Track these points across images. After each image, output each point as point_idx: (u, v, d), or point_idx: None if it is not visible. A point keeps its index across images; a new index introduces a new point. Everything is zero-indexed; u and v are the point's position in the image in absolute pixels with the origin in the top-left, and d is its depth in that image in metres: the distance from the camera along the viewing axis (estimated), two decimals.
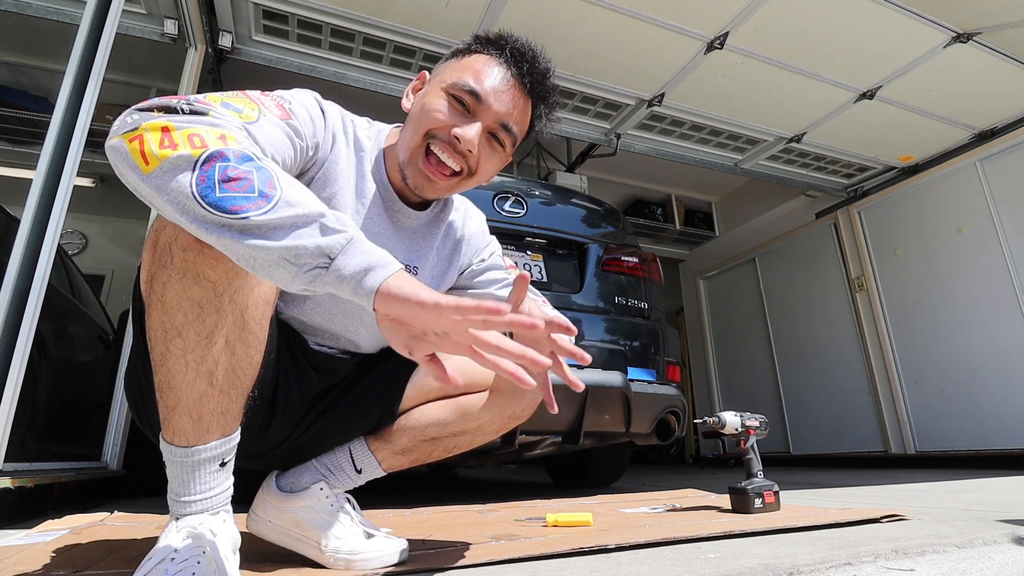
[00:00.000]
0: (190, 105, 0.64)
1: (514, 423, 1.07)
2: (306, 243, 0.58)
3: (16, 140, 3.84)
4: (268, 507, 0.97)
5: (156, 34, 2.74)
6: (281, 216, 0.58)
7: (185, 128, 0.60)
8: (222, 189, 0.57)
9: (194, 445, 0.74)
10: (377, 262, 0.60)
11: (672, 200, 6.02)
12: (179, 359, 0.70)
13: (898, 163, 4.53)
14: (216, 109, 0.67)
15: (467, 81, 0.89)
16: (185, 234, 0.65)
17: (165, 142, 0.59)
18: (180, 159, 0.58)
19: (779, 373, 5.37)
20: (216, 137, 0.61)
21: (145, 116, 0.61)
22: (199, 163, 0.58)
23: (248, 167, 0.59)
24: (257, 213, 0.57)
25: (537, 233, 2.28)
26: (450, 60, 0.96)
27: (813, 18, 2.97)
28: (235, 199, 0.57)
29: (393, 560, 0.91)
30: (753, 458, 1.57)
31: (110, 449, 2.20)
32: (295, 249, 0.58)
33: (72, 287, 2.64)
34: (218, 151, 0.59)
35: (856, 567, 0.84)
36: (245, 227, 0.57)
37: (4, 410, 1.43)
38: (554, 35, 3.10)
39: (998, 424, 3.75)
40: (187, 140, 0.59)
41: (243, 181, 0.58)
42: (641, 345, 2.31)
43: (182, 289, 0.67)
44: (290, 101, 0.83)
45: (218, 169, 0.58)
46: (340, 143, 0.92)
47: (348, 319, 0.98)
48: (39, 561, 0.96)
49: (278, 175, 0.61)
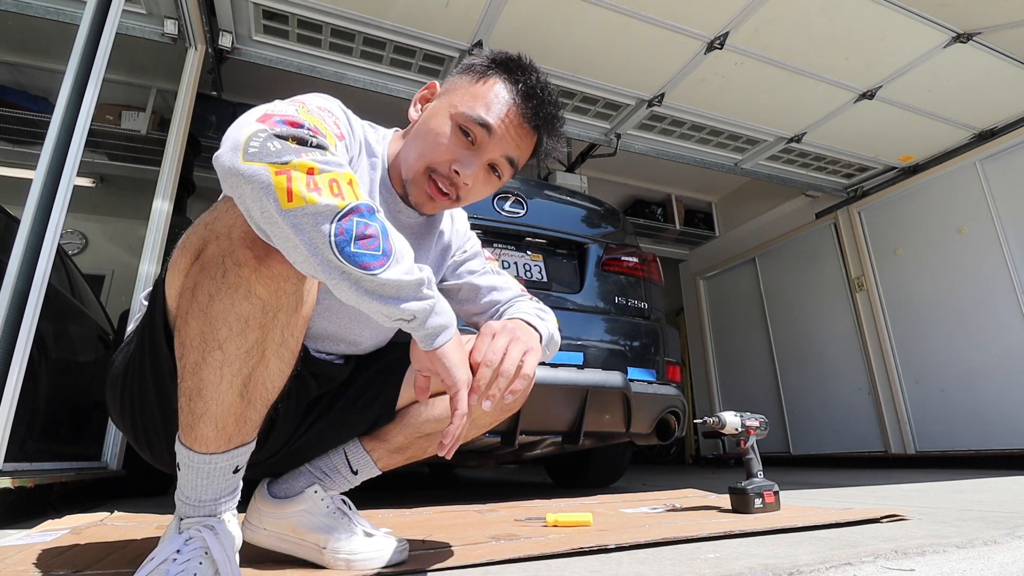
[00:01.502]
0: (315, 137, 0.67)
1: (507, 414, 1.07)
2: (406, 307, 0.68)
3: (16, 140, 3.83)
4: (263, 515, 0.97)
5: (156, 34, 2.74)
6: (395, 276, 0.66)
7: (325, 172, 0.64)
8: (356, 245, 0.64)
9: (214, 453, 0.74)
10: (446, 324, 0.75)
11: (672, 200, 6.02)
12: (215, 371, 0.70)
13: (898, 163, 4.53)
14: (329, 144, 0.69)
15: (479, 113, 0.89)
16: (241, 250, 0.67)
17: (311, 185, 0.62)
18: (326, 208, 0.62)
19: (779, 373, 5.37)
20: (347, 183, 0.66)
21: (287, 149, 0.64)
22: (340, 215, 0.63)
23: (375, 224, 0.66)
24: (380, 270, 0.65)
25: (537, 233, 2.28)
26: (464, 77, 0.95)
27: (813, 18, 2.97)
28: (365, 256, 0.64)
29: (394, 560, 0.91)
30: (753, 458, 1.57)
31: (110, 449, 2.20)
32: (398, 309, 0.68)
33: (72, 287, 2.64)
34: (355, 206, 0.65)
35: (856, 567, 0.84)
36: (363, 280, 0.65)
37: (4, 410, 1.43)
38: (554, 35, 3.10)
39: (998, 424, 3.75)
40: (328, 186, 0.64)
41: (373, 239, 0.65)
42: (641, 345, 2.31)
43: (231, 304, 0.68)
44: (338, 118, 0.86)
45: (356, 224, 0.64)
46: (363, 152, 0.95)
47: (352, 321, 0.98)
48: (39, 561, 0.96)
49: (390, 230, 0.68)
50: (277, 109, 0.69)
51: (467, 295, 1.11)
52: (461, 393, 0.75)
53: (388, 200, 0.99)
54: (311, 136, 0.66)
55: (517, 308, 1.03)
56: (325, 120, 0.78)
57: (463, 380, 0.75)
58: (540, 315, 0.99)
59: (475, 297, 1.10)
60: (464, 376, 0.76)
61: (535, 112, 0.92)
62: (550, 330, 0.98)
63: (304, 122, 0.68)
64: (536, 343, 0.88)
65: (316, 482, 0.99)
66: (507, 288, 1.09)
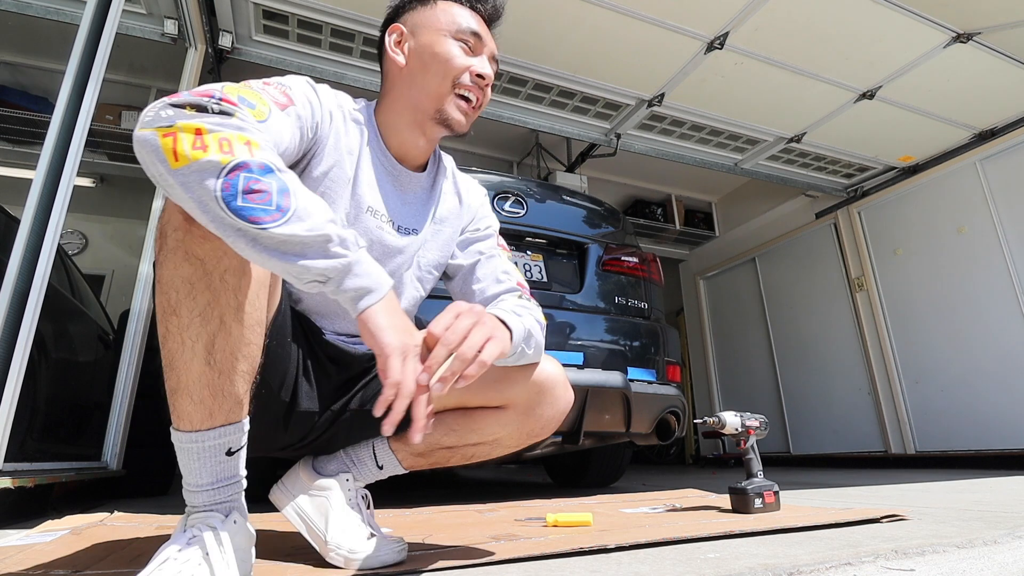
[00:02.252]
0: (219, 105, 0.69)
1: (532, 440, 1.07)
2: (308, 264, 0.66)
3: (16, 140, 3.84)
4: (298, 482, 1.00)
5: (156, 34, 2.74)
6: (292, 231, 0.65)
7: (216, 131, 0.66)
8: (244, 199, 0.64)
9: (198, 429, 0.75)
10: (369, 287, 0.71)
11: (672, 200, 6.02)
12: (176, 337, 0.72)
13: (898, 163, 4.53)
14: (241, 110, 0.72)
15: (469, 24, 0.99)
16: (177, 215, 0.70)
17: (197, 143, 0.64)
18: (209, 163, 0.64)
19: (779, 373, 5.37)
20: (243, 143, 0.67)
21: (180, 114, 0.66)
22: (226, 171, 0.64)
23: (269, 179, 0.66)
24: (273, 225, 0.64)
25: (537, 233, 2.28)
26: (418, 8, 1.02)
27: (813, 18, 2.97)
28: (254, 210, 0.64)
29: (390, 560, 0.91)
30: (753, 458, 1.57)
31: (110, 449, 2.20)
32: (299, 267, 0.66)
33: (72, 287, 2.64)
34: (244, 161, 0.65)
35: (856, 567, 0.84)
36: (259, 236, 0.64)
37: (4, 410, 1.43)
38: (554, 35, 3.10)
39: (998, 424, 3.75)
40: (217, 144, 0.65)
41: (263, 194, 0.65)
42: (641, 345, 2.31)
43: (174, 267, 0.71)
44: (290, 87, 0.89)
45: (242, 179, 0.64)
46: (337, 119, 0.97)
47: None
48: (39, 561, 0.96)
49: (294, 189, 0.68)
50: (203, 86, 0.73)
51: (466, 275, 1.11)
52: (391, 361, 0.69)
53: (386, 165, 1.01)
54: (214, 104, 0.68)
55: (497, 303, 1.02)
56: (265, 91, 0.83)
57: (394, 346, 0.70)
58: (516, 311, 0.94)
59: (472, 280, 1.10)
60: (396, 341, 0.70)
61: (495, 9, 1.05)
62: (526, 326, 0.92)
63: (215, 93, 0.70)
64: (502, 334, 0.83)
65: (347, 469, 1.02)
66: (503, 280, 1.09)
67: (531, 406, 1.02)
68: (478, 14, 1.02)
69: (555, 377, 1.05)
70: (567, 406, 1.07)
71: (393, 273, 1.03)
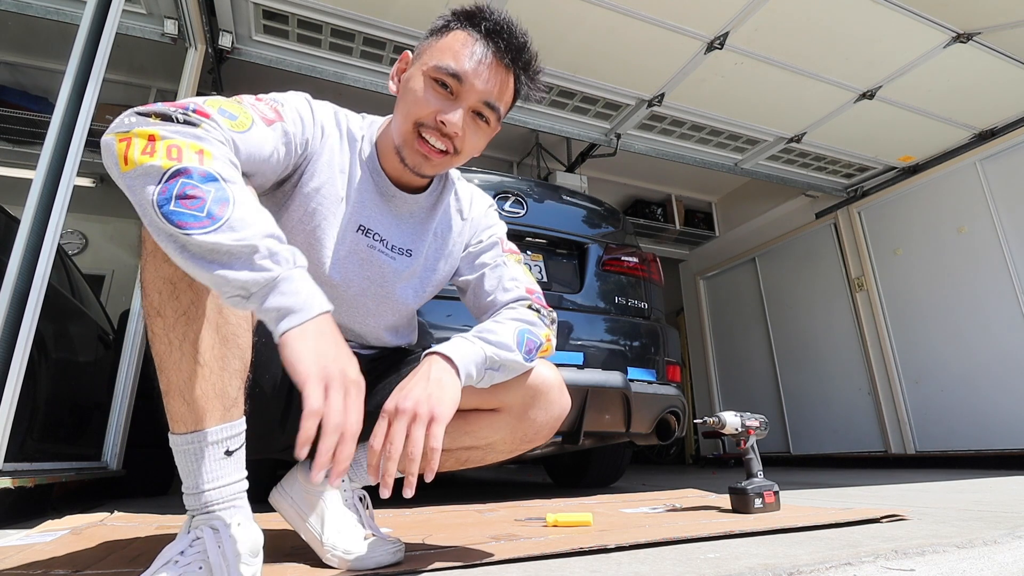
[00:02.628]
0: (186, 115, 0.70)
1: (527, 446, 1.06)
2: (227, 274, 0.63)
3: (16, 140, 3.83)
4: (295, 484, 0.99)
5: (156, 34, 2.74)
6: (217, 240, 0.62)
7: (168, 138, 0.66)
8: (176, 204, 0.63)
9: (193, 431, 0.74)
10: (294, 307, 0.65)
11: (672, 200, 6.02)
12: (163, 338, 0.72)
13: (898, 163, 4.53)
14: (210, 121, 0.72)
15: (448, 64, 0.91)
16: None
17: (147, 149, 0.65)
18: (152, 168, 0.64)
19: (779, 373, 5.37)
20: (194, 151, 0.66)
21: (140, 121, 0.67)
22: (166, 176, 0.64)
23: (208, 187, 0.64)
24: (199, 232, 0.62)
25: (537, 233, 2.28)
26: (430, 39, 0.97)
27: (813, 18, 2.97)
28: (183, 215, 0.62)
29: (387, 561, 0.91)
30: (753, 458, 1.57)
31: (110, 449, 2.20)
32: (217, 276, 0.63)
33: (72, 287, 2.64)
34: (185, 168, 0.64)
35: (856, 567, 0.84)
36: (186, 243, 0.63)
37: (4, 410, 1.43)
38: (554, 35, 3.10)
39: (998, 424, 3.75)
40: (165, 151, 0.65)
41: (197, 200, 0.63)
42: (641, 345, 2.31)
43: (155, 268, 0.72)
44: (282, 104, 0.89)
45: (179, 184, 0.63)
46: (331, 136, 0.96)
47: (354, 309, 1.00)
48: (39, 561, 0.96)
49: (237, 200, 0.66)
50: (185, 99, 0.73)
51: (475, 291, 1.10)
52: (307, 388, 0.61)
53: (379, 185, 1.00)
54: (180, 114, 0.69)
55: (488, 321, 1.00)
56: (254, 106, 0.82)
57: (310, 373, 0.62)
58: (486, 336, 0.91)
59: (479, 295, 1.09)
60: (314, 368, 0.62)
61: (504, 48, 0.92)
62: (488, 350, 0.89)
63: (189, 105, 0.71)
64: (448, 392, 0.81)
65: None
66: (511, 289, 1.07)
67: (524, 410, 1.01)
68: (488, 50, 0.92)
69: (550, 381, 1.03)
70: (562, 411, 1.05)
71: (386, 297, 1.02)
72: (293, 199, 0.94)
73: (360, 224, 0.97)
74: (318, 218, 0.93)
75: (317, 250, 0.95)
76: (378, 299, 1.03)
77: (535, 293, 1.09)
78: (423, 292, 1.08)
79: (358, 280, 0.99)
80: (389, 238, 1.01)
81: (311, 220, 0.94)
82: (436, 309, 1.90)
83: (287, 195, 0.94)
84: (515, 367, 0.95)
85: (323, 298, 0.68)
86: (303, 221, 0.94)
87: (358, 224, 0.97)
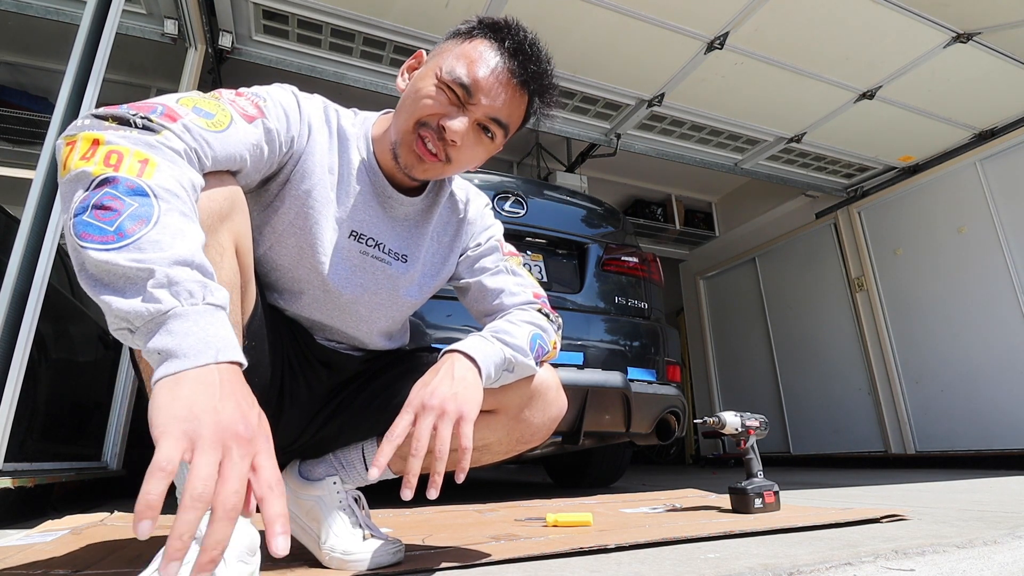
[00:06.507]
0: (147, 120, 0.64)
1: (524, 447, 1.05)
2: (112, 302, 0.54)
3: (16, 140, 3.83)
4: (288, 489, 0.98)
5: (156, 34, 2.74)
6: (112, 260, 0.54)
7: (113, 144, 0.61)
8: (89, 215, 0.56)
9: None
10: (177, 351, 0.52)
11: (672, 200, 6.02)
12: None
13: (898, 163, 4.53)
14: (177, 124, 0.67)
15: (460, 74, 0.87)
16: None
17: (87, 153, 0.60)
18: (83, 175, 0.58)
19: (779, 373, 5.37)
20: (138, 160, 0.60)
21: (93, 124, 0.63)
22: (94, 183, 0.58)
23: (131, 201, 0.57)
24: (96, 248, 0.54)
25: (537, 233, 2.28)
26: (450, 41, 0.93)
27: (813, 18, 2.97)
28: (89, 227, 0.55)
29: (386, 561, 0.91)
30: (753, 458, 1.57)
31: (110, 449, 2.20)
32: (103, 303, 0.55)
33: (72, 287, 2.64)
34: (114, 177, 0.58)
35: (856, 567, 0.84)
36: (85, 259, 0.55)
37: (4, 410, 1.43)
38: (554, 35, 3.10)
39: (998, 424, 3.75)
40: (104, 158, 0.59)
41: (112, 212, 0.56)
42: (641, 345, 2.31)
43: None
44: (265, 99, 0.84)
45: (102, 194, 0.57)
46: (319, 134, 0.91)
47: (347, 315, 0.98)
48: (39, 561, 0.96)
49: (159, 218, 0.57)
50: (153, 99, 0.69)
51: (477, 294, 1.08)
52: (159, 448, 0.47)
53: (376, 185, 0.96)
54: (139, 118, 0.64)
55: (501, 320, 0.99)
56: (234, 103, 0.78)
57: (168, 430, 0.48)
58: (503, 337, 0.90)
59: (484, 298, 1.07)
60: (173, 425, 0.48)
61: (522, 69, 0.89)
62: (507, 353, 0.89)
63: (156, 107, 0.67)
64: (472, 392, 0.80)
65: (335, 472, 1.00)
66: (518, 292, 1.05)
67: (521, 410, 1.00)
68: (506, 67, 0.88)
69: (547, 381, 1.02)
70: (559, 412, 1.04)
71: (381, 303, 1.00)
72: (285, 200, 0.90)
73: (352, 230, 0.94)
74: (310, 221, 0.90)
75: (309, 255, 0.92)
76: (371, 306, 1.00)
77: (541, 297, 1.08)
78: (420, 296, 1.06)
79: (351, 287, 0.96)
80: (385, 242, 0.98)
81: (304, 223, 0.91)
82: (436, 309, 1.90)
83: (275, 195, 0.90)
84: (526, 371, 0.94)
85: (227, 345, 0.55)
86: (295, 224, 0.91)
87: (350, 230, 0.93)
